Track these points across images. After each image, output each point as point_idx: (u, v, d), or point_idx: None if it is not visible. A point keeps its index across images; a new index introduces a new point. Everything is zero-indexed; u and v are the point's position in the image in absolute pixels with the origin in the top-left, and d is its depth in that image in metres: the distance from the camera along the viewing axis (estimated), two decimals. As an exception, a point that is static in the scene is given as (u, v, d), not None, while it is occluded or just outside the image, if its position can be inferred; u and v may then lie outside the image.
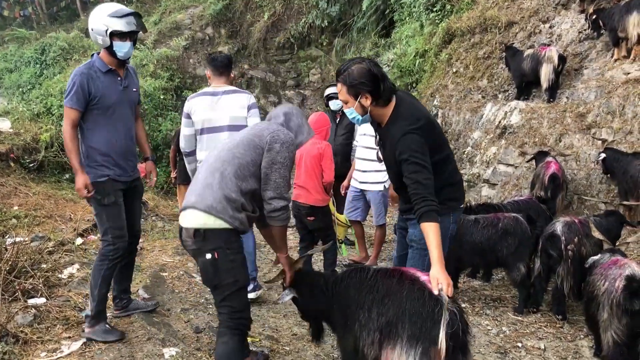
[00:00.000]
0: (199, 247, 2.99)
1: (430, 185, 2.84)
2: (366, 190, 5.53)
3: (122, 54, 3.87)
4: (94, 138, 3.85)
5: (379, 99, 2.95)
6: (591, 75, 7.58)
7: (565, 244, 4.24)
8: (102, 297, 3.88)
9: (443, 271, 2.69)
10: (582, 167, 6.77)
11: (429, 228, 2.76)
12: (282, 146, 3.08)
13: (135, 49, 12.53)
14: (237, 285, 3.04)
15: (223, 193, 2.96)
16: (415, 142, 2.88)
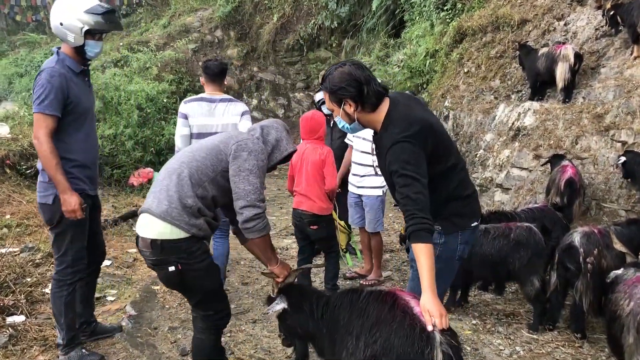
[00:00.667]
0: (159, 259, 2.82)
1: (421, 201, 2.50)
2: (363, 195, 5.23)
3: (93, 54, 3.57)
4: (67, 148, 3.49)
5: (364, 104, 2.65)
6: (609, 74, 7.21)
7: (584, 256, 3.90)
8: (71, 323, 3.59)
9: (435, 300, 2.39)
10: (600, 171, 6.40)
11: (418, 250, 2.45)
12: (250, 154, 2.89)
13: (139, 52, 12.56)
14: (206, 291, 2.95)
15: (178, 197, 2.80)
16: (406, 152, 2.55)
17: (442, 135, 2.76)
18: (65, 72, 3.46)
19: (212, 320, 3.01)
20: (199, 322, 3.04)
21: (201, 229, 2.84)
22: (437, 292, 2.58)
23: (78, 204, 3.39)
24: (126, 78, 10.40)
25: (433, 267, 2.44)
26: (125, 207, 7.86)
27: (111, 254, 5.81)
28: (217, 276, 3.00)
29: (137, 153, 9.28)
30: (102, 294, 4.78)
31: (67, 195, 3.37)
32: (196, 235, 2.82)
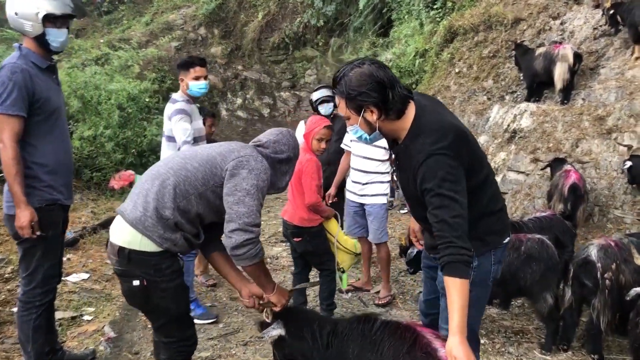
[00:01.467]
0: (124, 269, 2.54)
1: (459, 226, 2.17)
2: (366, 203, 4.86)
3: (57, 44, 3.17)
4: (37, 152, 3.13)
5: (389, 111, 2.28)
6: (609, 75, 6.98)
7: (601, 271, 3.63)
8: (39, 350, 3.23)
9: (464, 346, 2.07)
10: (602, 176, 6.17)
11: (451, 284, 2.13)
12: (251, 173, 2.56)
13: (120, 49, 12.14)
14: (170, 315, 2.63)
15: (156, 206, 2.49)
16: (443, 167, 2.19)
17: (475, 144, 2.42)
18: (29, 67, 3.09)
19: (174, 348, 2.68)
20: (160, 349, 2.72)
21: (176, 244, 2.53)
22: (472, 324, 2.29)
23: (27, 221, 3.01)
24: (107, 76, 9.98)
25: (466, 305, 2.12)
26: (105, 212, 7.45)
27: (89, 266, 5.43)
28: (185, 300, 2.69)
29: (118, 155, 8.87)
30: (78, 313, 4.41)
31: (21, 209, 3.02)
32: (169, 250, 2.52)
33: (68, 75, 8.77)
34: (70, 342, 3.95)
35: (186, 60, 4.37)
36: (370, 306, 4.87)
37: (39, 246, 3.14)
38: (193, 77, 4.26)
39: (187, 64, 4.29)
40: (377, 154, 4.68)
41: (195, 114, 4.36)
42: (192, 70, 4.26)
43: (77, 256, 5.69)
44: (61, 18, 3.15)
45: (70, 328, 4.18)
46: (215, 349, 3.94)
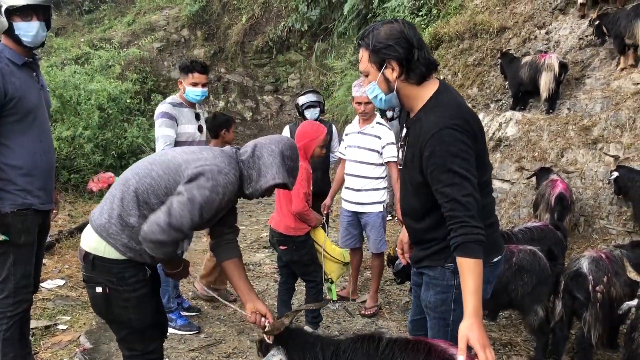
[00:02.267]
0: (89, 275, 2.47)
1: (472, 205, 2.05)
2: (362, 212, 4.72)
3: (29, 38, 2.98)
4: (11, 153, 2.96)
5: (410, 72, 2.18)
6: (595, 85, 7.00)
7: (593, 284, 3.57)
8: None
9: (479, 329, 1.96)
10: (588, 186, 6.15)
11: (465, 265, 2.03)
12: (208, 182, 2.31)
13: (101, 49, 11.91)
14: (132, 327, 2.51)
15: (120, 213, 2.38)
16: (457, 142, 2.07)
17: (484, 143, 2.31)
18: (3, 65, 2.92)
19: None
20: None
21: (141, 254, 2.40)
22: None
23: None
24: (87, 76, 9.76)
25: (480, 287, 2.02)
26: (83, 215, 7.27)
27: (65, 272, 5.25)
28: (148, 312, 2.54)
29: (97, 157, 8.69)
30: (52, 322, 4.23)
31: None
32: (133, 260, 2.41)
33: (47, 74, 8.55)
34: (43, 354, 3.78)
35: (187, 64, 4.26)
36: (356, 316, 4.76)
37: (10, 254, 2.97)
38: (191, 82, 4.20)
39: (187, 68, 4.21)
40: (371, 158, 4.59)
41: (186, 117, 4.24)
42: (191, 76, 4.20)
43: (53, 261, 5.51)
44: (27, 9, 2.95)
45: (44, 338, 4.00)
46: (196, 361, 3.80)
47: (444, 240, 2.26)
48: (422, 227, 2.34)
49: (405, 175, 2.36)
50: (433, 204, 2.23)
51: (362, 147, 4.63)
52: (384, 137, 4.57)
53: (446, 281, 2.32)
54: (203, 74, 4.22)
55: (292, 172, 2.63)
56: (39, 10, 3.01)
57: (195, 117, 4.34)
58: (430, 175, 2.13)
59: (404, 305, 4.98)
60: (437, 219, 2.26)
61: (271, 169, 2.52)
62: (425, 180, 2.19)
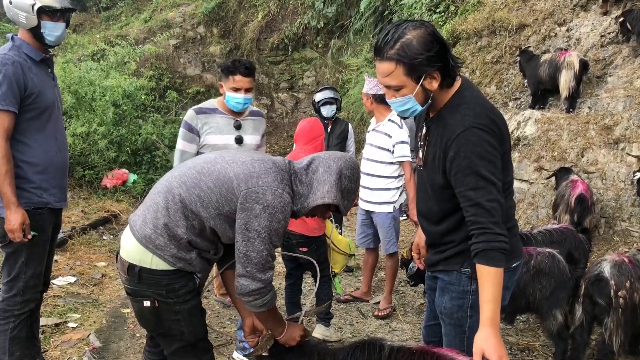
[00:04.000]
0: (134, 289, 2.30)
1: (496, 212, 1.96)
2: (372, 211, 4.64)
3: (53, 38, 2.97)
4: (28, 150, 2.92)
5: (446, 78, 2.05)
6: (617, 84, 6.83)
7: (615, 289, 3.44)
8: None
9: (495, 339, 1.89)
10: (609, 187, 6.00)
11: (485, 273, 1.94)
12: (264, 211, 2.17)
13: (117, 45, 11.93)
14: (185, 340, 2.35)
15: (165, 222, 2.22)
16: (483, 144, 1.97)
17: (509, 143, 2.20)
18: (22, 60, 2.89)
19: None
20: None
21: (191, 263, 2.27)
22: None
23: (18, 224, 2.81)
24: (102, 72, 9.76)
25: (499, 297, 1.94)
26: (96, 212, 7.26)
27: (77, 269, 5.22)
28: (201, 323, 2.43)
29: (111, 153, 8.66)
30: (62, 319, 4.19)
31: (11, 210, 2.80)
32: (183, 270, 2.28)
33: (62, 70, 8.55)
34: (53, 352, 3.74)
35: (229, 64, 3.58)
36: (370, 318, 4.67)
37: (23, 252, 2.93)
38: (232, 87, 3.55)
39: (228, 69, 3.56)
40: (382, 156, 4.51)
41: (216, 126, 3.61)
42: (232, 79, 3.54)
43: (65, 258, 5.48)
44: (59, 11, 2.96)
45: (54, 336, 3.96)
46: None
47: (461, 244, 2.19)
48: (439, 230, 2.25)
49: (425, 177, 2.25)
50: (453, 207, 2.14)
51: (374, 145, 4.55)
52: (395, 135, 4.47)
53: (462, 287, 2.23)
54: (247, 76, 3.54)
55: (347, 194, 2.41)
56: (66, 12, 3.02)
57: (236, 127, 3.67)
58: (454, 177, 2.03)
59: (418, 307, 4.89)
60: (455, 222, 2.18)
61: (323, 186, 2.33)
62: (446, 182, 2.09)
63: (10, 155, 2.83)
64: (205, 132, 3.60)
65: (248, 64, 3.57)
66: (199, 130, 3.58)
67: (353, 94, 12.42)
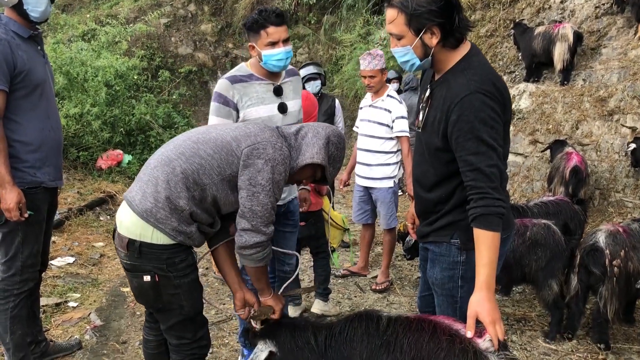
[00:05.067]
0: (134, 264, 2.29)
1: (496, 177, 1.97)
2: (372, 187, 4.64)
3: (37, 14, 2.89)
4: (20, 129, 2.88)
5: (449, 37, 2.03)
6: (611, 55, 6.81)
7: (610, 259, 3.49)
8: (19, 342, 3.02)
9: (489, 303, 1.91)
10: (603, 158, 6.03)
11: (483, 238, 1.95)
12: (266, 164, 2.24)
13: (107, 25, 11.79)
14: (183, 314, 2.37)
15: (167, 195, 2.22)
16: (486, 109, 1.96)
17: (510, 113, 2.18)
18: (9, 37, 2.83)
19: (186, 351, 2.45)
20: (174, 352, 2.48)
21: (191, 237, 2.29)
22: None
23: (14, 203, 2.79)
24: (93, 53, 9.65)
25: (495, 260, 1.96)
26: (92, 193, 7.24)
27: (75, 250, 5.23)
28: (199, 297, 2.46)
29: (105, 134, 8.62)
30: (63, 299, 4.22)
31: (6, 190, 2.78)
32: (183, 244, 2.30)
33: (53, 51, 8.45)
34: (54, 330, 3.77)
35: (255, 17, 2.90)
36: (367, 292, 4.72)
37: (19, 231, 2.93)
38: (267, 42, 2.88)
39: (256, 24, 2.89)
40: (380, 132, 4.50)
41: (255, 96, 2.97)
42: (264, 33, 2.87)
43: (63, 239, 5.49)
44: None
45: (55, 315, 3.99)
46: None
47: (451, 215, 2.20)
48: (431, 198, 2.25)
49: (423, 140, 2.24)
50: (448, 174, 2.15)
51: (372, 120, 4.54)
52: (394, 110, 4.46)
53: (452, 257, 2.24)
54: (281, 25, 2.90)
55: (333, 161, 2.48)
56: None
57: (275, 92, 3.04)
58: (455, 141, 2.02)
59: (415, 281, 4.93)
60: (448, 191, 2.18)
61: (312, 148, 2.39)
62: (443, 145, 2.09)
63: (2, 134, 2.80)
64: (245, 105, 2.96)
65: (277, 11, 2.92)
66: (236, 103, 2.94)
67: (347, 70, 12.34)
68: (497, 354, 1.89)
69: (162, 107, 10.53)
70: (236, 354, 3.55)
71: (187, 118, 11.15)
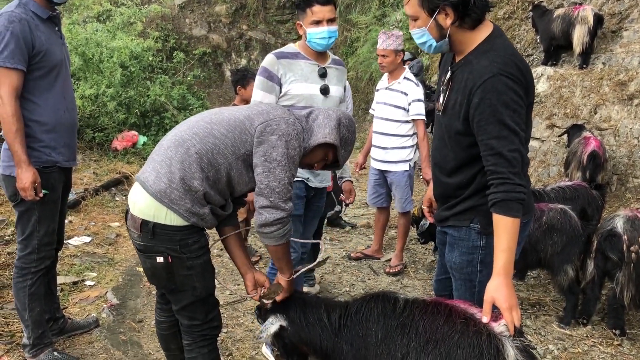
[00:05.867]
0: (147, 245, 2.29)
1: (517, 162, 1.94)
2: (387, 171, 4.63)
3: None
4: (37, 109, 2.90)
5: (465, 17, 2.00)
6: (632, 38, 6.69)
7: (627, 244, 3.45)
8: (38, 319, 3.06)
9: (507, 288, 1.91)
10: (622, 144, 5.94)
11: (503, 223, 1.95)
12: (280, 140, 2.24)
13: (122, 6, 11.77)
14: (195, 295, 2.38)
15: (182, 177, 2.22)
16: (509, 92, 1.93)
17: (533, 97, 2.15)
18: (29, 17, 2.83)
19: (197, 332, 2.46)
20: (187, 332, 2.49)
21: (204, 218, 2.29)
22: None
23: (30, 182, 2.81)
24: (109, 33, 9.66)
25: (514, 246, 1.96)
26: (108, 173, 7.30)
27: (91, 229, 5.28)
28: (211, 278, 2.47)
29: (121, 115, 8.66)
30: (80, 278, 4.27)
31: (22, 169, 2.80)
32: (196, 225, 2.30)
33: (69, 32, 8.46)
34: (72, 309, 3.82)
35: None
36: (381, 275, 4.73)
37: (35, 210, 2.96)
38: (312, 20, 2.98)
39: (303, 3, 3.00)
40: (397, 115, 4.47)
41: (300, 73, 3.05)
42: (310, 11, 2.97)
43: (79, 219, 5.55)
44: None
45: (72, 294, 4.04)
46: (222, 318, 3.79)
47: (471, 199, 2.19)
48: (452, 183, 2.24)
49: (443, 123, 2.21)
50: (468, 159, 2.13)
51: (389, 103, 4.51)
52: (411, 93, 4.42)
53: (472, 242, 2.24)
54: (327, 4, 2.98)
55: (344, 144, 2.48)
56: None
57: (320, 75, 3.11)
58: (477, 124, 2.00)
59: (429, 264, 4.93)
60: (469, 176, 2.17)
61: (324, 129, 2.40)
62: (464, 129, 2.07)
63: (20, 114, 2.81)
64: (288, 80, 3.04)
65: None
66: (280, 78, 3.03)
67: (362, 52, 12.26)
68: (512, 339, 1.89)
69: (177, 88, 10.54)
70: (250, 334, 3.58)
71: (201, 100, 11.14)
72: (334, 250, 5.33)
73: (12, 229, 4.71)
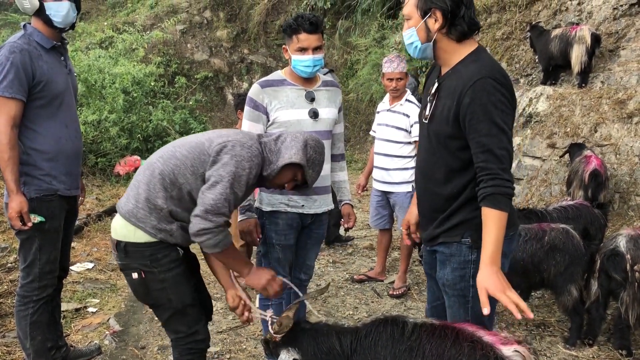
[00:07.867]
0: (123, 263, 2.49)
1: (505, 159, 2.04)
2: (390, 192, 4.63)
3: (59, 18, 2.93)
4: (37, 137, 2.93)
5: (452, 26, 2.14)
6: (630, 57, 6.73)
7: (631, 264, 3.44)
8: (39, 347, 3.06)
9: (496, 275, 1.96)
10: (623, 162, 5.95)
11: (491, 216, 2.02)
12: (232, 159, 2.35)
13: (125, 32, 11.93)
14: (173, 307, 2.52)
15: (147, 196, 2.40)
16: (497, 94, 2.05)
17: (515, 104, 2.23)
18: (31, 48, 2.89)
19: (182, 345, 2.56)
20: (174, 346, 2.61)
21: (172, 234, 2.43)
22: (485, 321, 2.14)
23: (15, 211, 2.82)
24: (111, 60, 9.79)
25: (502, 240, 2.02)
26: (110, 199, 7.34)
27: (94, 255, 5.29)
28: (187, 291, 2.53)
29: (123, 140, 8.74)
30: (82, 304, 4.27)
31: (11, 196, 2.83)
32: (165, 241, 2.43)
33: (72, 59, 8.57)
34: (74, 336, 3.81)
35: (290, 22, 2.97)
36: (384, 297, 4.70)
37: (36, 238, 2.97)
38: (297, 47, 2.96)
39: (290, 28, 2.96)
40: (398, 136, 4.52)
41: (285, 99, 3.03)
42: (296, 38, 2.95)
43: (82, 245, 5.55)
44: None
45: (75, 320, 4.04)
46: (225, 343, 3.78)
47: (461, 213, 2.23)
48: (442, 193, 2.26)
49: (431, 131, 2.27)
50: (459, 165, 2.19)
51: (390, 125, 4.55)
52: (413, 115, 4.46)
53: (463, 257, 2.26)
54: (314, 33, 2.94)
55: (312, 164, 2.55)
56: None
57: (308, 98, 3.08)
58: (468, 123, 2.08)
59: (433, 286, 4.91)
60: (459, 186, 2.21)
61: (291, 150, 2.49)
62: (454, 132, 2.14)
63: (15, 143, 2.83)
64: (274, 108, 3.02)
65: (313, 19, 2.95)
66: (265, 107, 3.02)
67: (362, 74, 12.33)
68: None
69: (179, 113, 10.63)
70: (254, 359, 3.55)
71: (203, 124, 11.23)
72: (337, 272, 5.32)
73: (15, 257, 4.71)
